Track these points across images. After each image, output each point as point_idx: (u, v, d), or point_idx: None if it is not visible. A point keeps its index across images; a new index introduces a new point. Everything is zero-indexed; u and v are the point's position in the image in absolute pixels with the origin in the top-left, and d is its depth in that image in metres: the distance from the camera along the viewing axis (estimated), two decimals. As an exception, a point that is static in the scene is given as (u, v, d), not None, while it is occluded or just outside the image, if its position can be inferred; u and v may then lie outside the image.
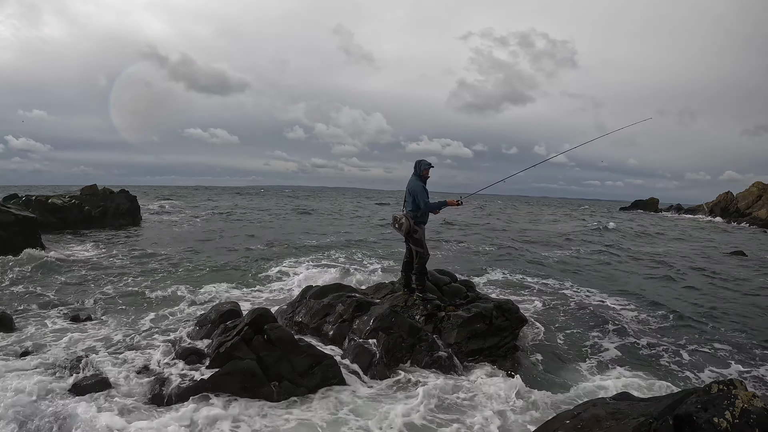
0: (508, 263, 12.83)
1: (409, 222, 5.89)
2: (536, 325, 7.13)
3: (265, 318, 4.86)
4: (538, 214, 43.25)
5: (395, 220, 6.06)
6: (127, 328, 6.36)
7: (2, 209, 11.95)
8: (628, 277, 11.83)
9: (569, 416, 3.15)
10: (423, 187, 5.94)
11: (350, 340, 5.45)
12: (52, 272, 9.81)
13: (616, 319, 7.61)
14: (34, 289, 8.50)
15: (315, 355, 4.74)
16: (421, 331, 5.48)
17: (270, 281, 9.83)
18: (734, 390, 2.59)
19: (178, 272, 10.32)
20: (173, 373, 4.45)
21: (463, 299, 6.46)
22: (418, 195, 5.86)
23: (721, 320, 8.02)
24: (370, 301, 6.06)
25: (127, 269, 10.45)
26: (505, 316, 6.12)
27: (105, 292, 8.45)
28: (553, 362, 5.98)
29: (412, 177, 6.07)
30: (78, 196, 18.69)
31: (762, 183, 42.51)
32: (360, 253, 13.47)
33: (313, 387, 4.47)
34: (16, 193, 18.57)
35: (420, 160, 6.07)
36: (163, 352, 5.00)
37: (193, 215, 26.02)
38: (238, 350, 4.47)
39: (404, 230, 5.91)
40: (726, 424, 2.40)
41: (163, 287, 8.80)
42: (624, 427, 2.72)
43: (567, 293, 9.46)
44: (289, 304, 6.72)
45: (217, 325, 5.37)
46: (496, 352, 5.75)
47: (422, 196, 5.88)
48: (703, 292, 10.28)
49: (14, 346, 5.42)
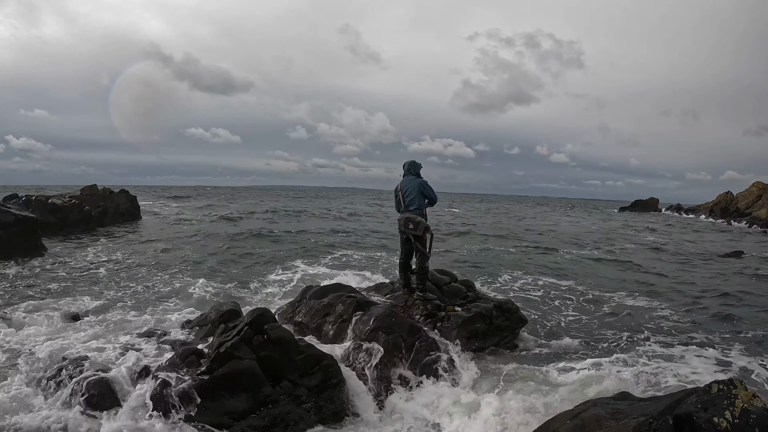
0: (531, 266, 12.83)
1: (425, 222, 5.91)
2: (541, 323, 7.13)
3: (265, 318, 4.85)
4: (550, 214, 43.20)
5: (409, 221, 5.92)
6: (127, 328, 6.35)
7: (2, 209, 11.95)
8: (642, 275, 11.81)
9: (569, 416, 3.16)
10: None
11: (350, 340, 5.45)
12: (51, 272, 9.81)
13: (641, 321, 7.60)
14: (33, 289, 8.50)
15: (315, 355, 4.73)
16: (421, 331, 5.48)
17: (273, 282, 9.82)
18: (734, 390, 2.59)
19: (178, 272, 10.32)
20: (173, 374, 4.44)
21: (463, 299, 6.47)
22: (431, 192, 6.09)
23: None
24: (370, 301, 6.07)
25: (126, 269, 10.45)
26: (505, 315, 6.12)
27: (105, 292, 8.44)
28: (553, 362, 5.97)
29: (409, 177, 6.15)
30: (78, 196, 18.68)
31: (762, 183, 42.50)
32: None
33: (313, 387, 4.47)
34: (16, 193, 18.53)
35: (414, 161, 6.29)
36: (163, 352, 5.00)
37: (193, 216, 25.99)
38: (238, 350, 4.46)
39: (421, 230, 5.87)
40: (726, 424, 2.40)
41: (163, 287, 8.80)
42: (624, 426, 2.72)
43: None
44: (289, 304, 6.73)
45: (217, 324, 5.36)
46: (496, 351, 5.76)
47: (434, 193, 6.08)
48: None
49: (14, 346, 5.42)
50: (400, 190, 6.10)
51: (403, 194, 6.05)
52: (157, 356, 4.94)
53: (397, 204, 6.18)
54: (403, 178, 6.23)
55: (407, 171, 6.21)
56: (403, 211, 6.05)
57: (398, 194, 6.12)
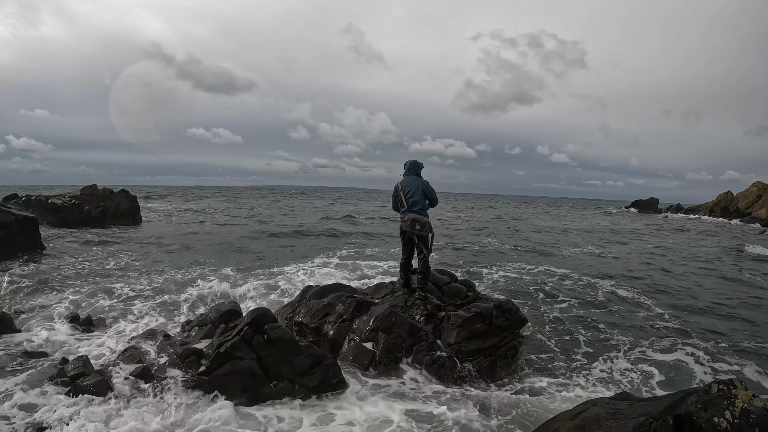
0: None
1: (430, 223, 5.92)
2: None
3: (265, 318, 4.86)
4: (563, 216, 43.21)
5: (416, 222, 5.87)
6: (127, 328, 6.36)
7: (2, 209, 11.95)
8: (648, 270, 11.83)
9: (569, 416, 3.15)
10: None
11: (350, 340, 5.45)
12: (51, 272, 9.80)
13: (640, 320, 7.60)
14: (33, 289, 8.49)
15: (315, 355, 4.74)
16: (421, 331, 5.48)
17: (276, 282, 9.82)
18: (734, 390, 2.59)
19: (178, 272, 10.31)
20: (173, 375, 4.45)
21: (463, 299, 6.46)
22: (433, 194, 6.09)
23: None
24: (370, 301, 6.06)
25: (127, 269, 10.45)
26: (506, 315, 6.11)
27: (105, 292, 8.43)
28: (552, 361, 5.98)
29: (410, 177, 6.12)
30: (78, 196, 18.69)
31: (762, 183, 42.54)
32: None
33: (313, 387, 4.48)
34: (16, 193, 18.58)
35: (416, 161, 6.25)
36: (164, 352, 5.00)
37: (193, 216, 25.99)
38: (238, 350, 4.47)
39: (427, 231, 5.88)
40: (726, 424, 2.40)
41: (163, 287, 8.79)
42: (624, 427, 2.72)
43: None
44: (289, 304, 6.73)
45: (217, 325, 5.36)
46: (496, 352, 5.75)
47: (436, 194, 6.09)
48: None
49: (14, 347, 5.42)
50: (401, 189, 6.07)
51: (405, 194, 6.01)
52: (158, 356, 4.93)
53: (397, 203, 6.16)
54: (403, 177, 6.21)
55: (408, 170, 6.19)
56: (406, 211, 6.00)
57: (399, 193, 6.09)
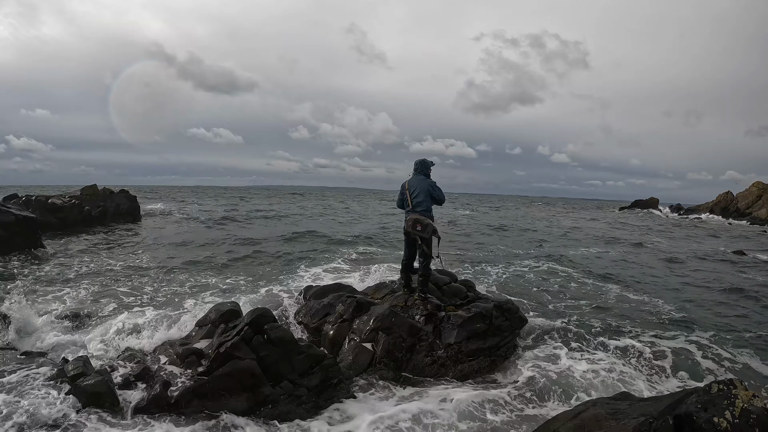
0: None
1: (433, 224, 5.84)
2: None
3: (265, 318, 4.86)
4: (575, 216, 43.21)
5: (417, 223, 5.82)
6: (127, 328, 6.35)
7: (2, 209, 11.95)
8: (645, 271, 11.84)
9: (569, 416, 3.15)
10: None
11: (350, 340, 5.45)
12: (51, 272, 9.80)
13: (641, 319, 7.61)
14: (33, 289, 8.49)
15: (315, 355, 4.74)
16: (421, 332, 5.48)
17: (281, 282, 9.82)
18: (734, 390, 2.59)
19: (178, 272, 10.31)
20: (173, 375, 4.45)
21: (463, 299, 6.46)
22: (439, 194, 6.01)
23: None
24: (370, 301, 6.07)
25: (127, 269, 10.44)
26: (506, 316, 6.12)
27: (105, 292, 8.43)
28: (552, 362, 5.97)
29: (417, 176, 6.05)
30: (78, 196, 18.70)
31: (762, 183, 42.52)
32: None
33: (313, 387, 4.48)
34: (16, 193, 18.55)
35: (424, 159, 6.14)
36: (164, 352, 5.00)
37: (192, 216, 25.98)
38: (238, 350, 4.47)
39: (429, 232, 5.80)
40: (726, 424, 2.40)
41: (163, 287, 8.80)
42: (624, 427, 2.72)
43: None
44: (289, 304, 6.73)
45: (217, 325, 5.36)
46: (496, 352, 5.75)
47: (443, 194, 6.02)
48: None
49: (13, 347, 5.42)
50: (407, 188, 6.01)
51: (411, 193, 5.96)
52: (158, 356, 4.94)
53: (403, 201, 6.11)
54: (412, 175, 6.14)
55: (416, 169, 6.12)
56: (410, 211, 5.96)
57: (405, 192, 6.04)
